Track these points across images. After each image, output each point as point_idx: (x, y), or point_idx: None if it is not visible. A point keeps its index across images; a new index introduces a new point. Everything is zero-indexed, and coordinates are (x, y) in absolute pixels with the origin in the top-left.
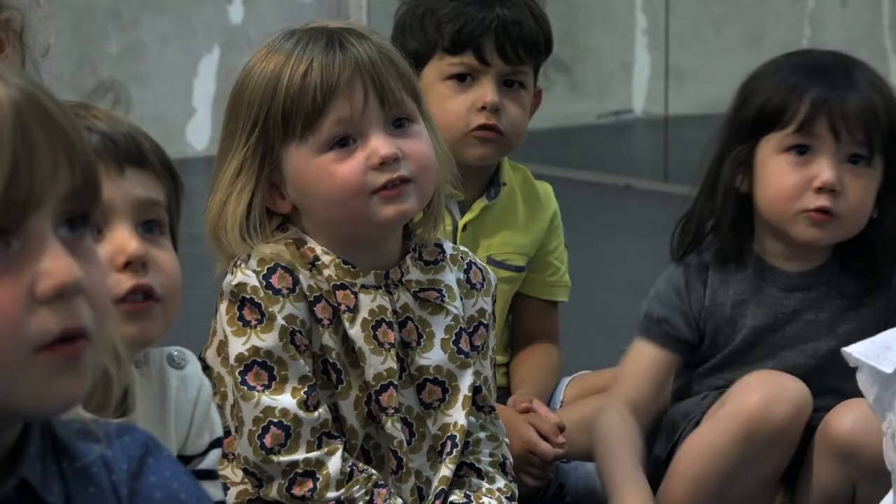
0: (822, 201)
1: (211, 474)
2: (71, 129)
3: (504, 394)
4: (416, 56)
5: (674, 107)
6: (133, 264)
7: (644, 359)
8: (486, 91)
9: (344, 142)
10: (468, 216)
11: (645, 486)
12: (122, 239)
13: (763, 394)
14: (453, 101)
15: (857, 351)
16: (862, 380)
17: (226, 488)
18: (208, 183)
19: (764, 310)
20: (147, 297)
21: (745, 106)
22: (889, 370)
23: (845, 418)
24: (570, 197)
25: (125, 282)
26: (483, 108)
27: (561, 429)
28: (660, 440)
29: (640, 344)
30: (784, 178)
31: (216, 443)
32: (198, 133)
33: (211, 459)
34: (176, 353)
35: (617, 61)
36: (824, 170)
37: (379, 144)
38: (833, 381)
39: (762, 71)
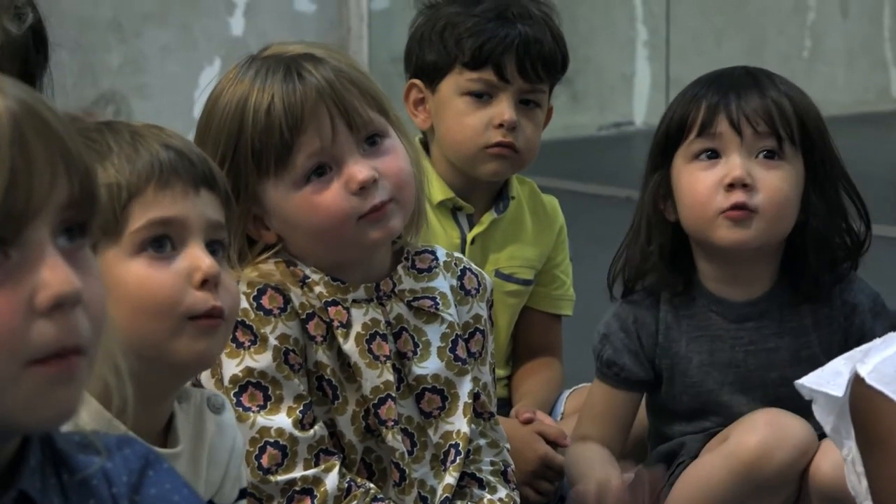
0: (736, 197)
1: None
2: (69, 138)
3: (505, 405)
4: (434, 69)
5: None
6: (209, 282)
7: (602, 401)
8: (503, 109)
9: (320, 171)
10: (477, 229)
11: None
12: (198, 256)
13: (765, 435)
14: (471, 117)
15: (808, 381)
16: (818, 411)
17: None
18: None
19: (720, 345)
20: (219, 315)
21: (656, 132)
22: (839, 394)
23: (825, 463)
24: (570, 208)
25: (205, 300)
26: (500, 125)
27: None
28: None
29: (597, 385)
30: (697, 184)
31: (243, 493)
32: None
33: None
34: (213, 396)
35: (618, 73)
36: (732, 166)
37: (355, 170)
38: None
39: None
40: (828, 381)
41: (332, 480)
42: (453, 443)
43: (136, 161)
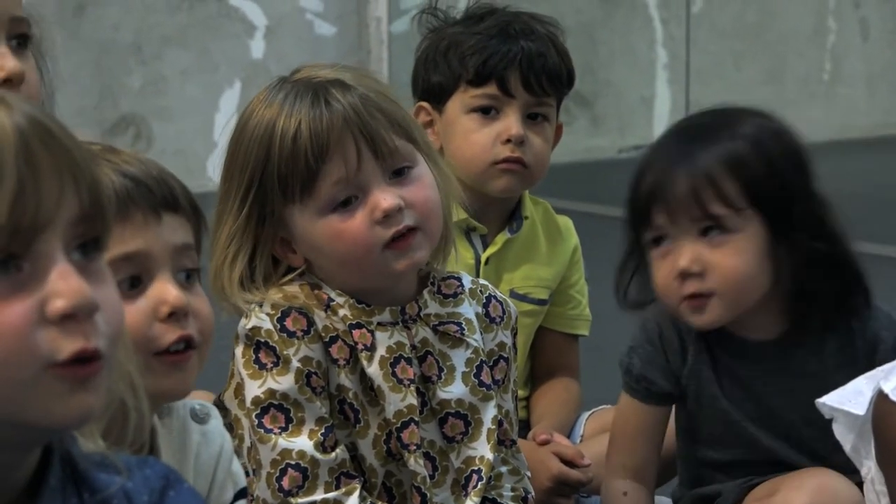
0: (687, 288)
1: None
2: (76, 151)
3: (524, 427)
4: (440, 89)
5: None
6: (176, 314)
7: (633, 419)
8: (510, 123)
9: (346, 202)
10: (491, 250)
11: None
12: (163, 289)
13: (812, 500)
14: (478, 133)
15: (829, 400)
16: (838, 430)
17: None
18: None
19: (739, 381)
20: (188, 346)
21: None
22: (861, 412)
23: None
24: (590, 231)
25: (170, 333)
26: (508, 140)
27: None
28: None
29: (627, 401)
30: (657, 277)
31: (241, 493)
32: (219, 167)
33: None
34: (199, 406)
35: (638, 96)
36: (678, 256)
37: (380, 198)
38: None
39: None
40: (849, 399)
41: (353, 503)
42: (475, 468)
43: None
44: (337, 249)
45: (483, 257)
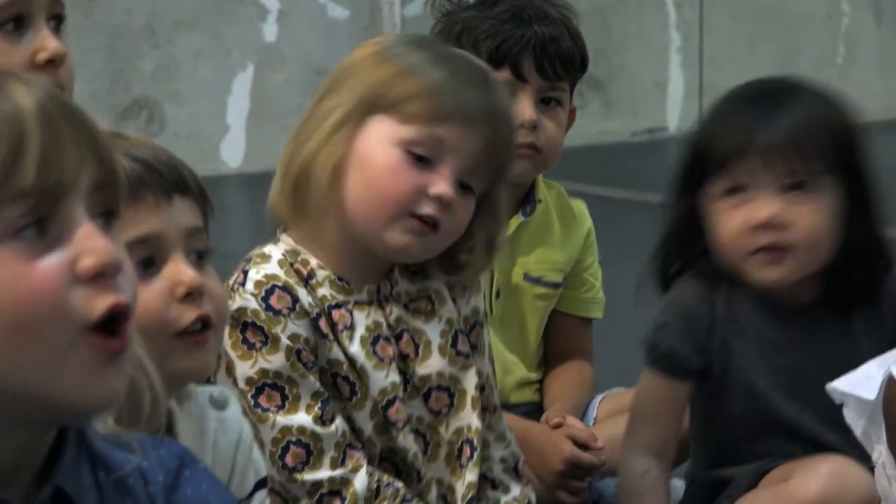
0: (766, 238)
1: None
2: (92, 124)
3: (537, 410)
4: None
5: None
6: (192, 294)
7: (657, 396)
8: (523, 108)
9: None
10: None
11: None
12: (178, 270)
13: (826, 486)
14: None
15: (839, 385)
16: (849, 414)
17: None
18: (243, 200)
19: (772, 348)
20: (205, 326)
21: (685, 156)
22: (871, 397)
23: None
24: (604, 214)
25: (188, 313)
26: (521, 125)
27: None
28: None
29: (650, 379)
30: (725, 225)
31: (261, 483)
32: (232, 150)
33: (257, 501)
34: (217, 393)
35: (651, 79)
36: (760, 206)
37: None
38: None
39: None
40: (859, 384)
41: (361, 481)
42: (466, 439)
43: None
44: (383, 180)
45: None
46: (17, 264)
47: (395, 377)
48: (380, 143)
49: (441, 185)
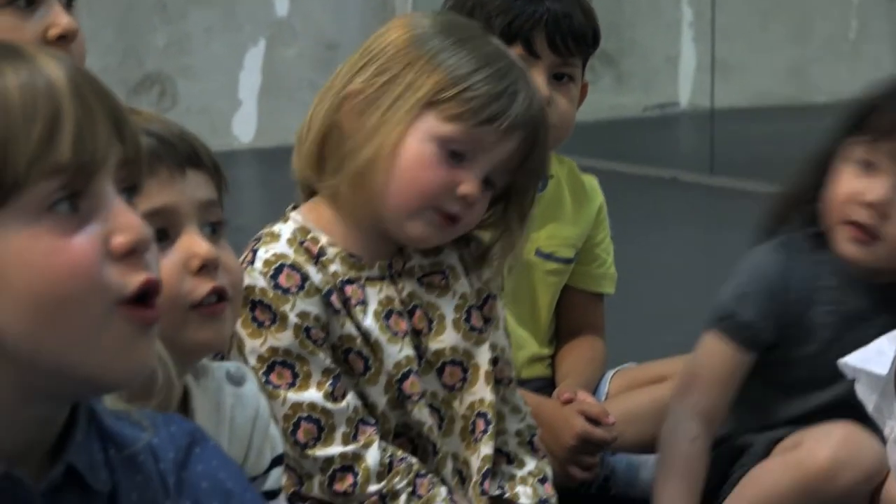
0: (864, 217)
1: (274, 494)
2: (117, 100)
3: (549, 385)
4: None
5: (719, 100)
6: (207, 267)
7: (723, 363)
8: (537, 85)
9: (457, 157)
10: None
11: None
12: (192, 242)
13: (837, 451)
14: None
15: (851, 360)
16: (860, 390)
17: None
18: (255, 175)
19: (851, 322)
20: (220, 298)
21: (859, 104)
22: (883, 372)
23: None
24: (615, 189)
25: (203, 285)
26: None
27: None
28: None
29: (718, 343)
30: (840, 186)
31: (277, 460)
32: (244, 125)
33: (273, 478)
34: (234, 369)
35: (663, 54)
36: (877, 187)
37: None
38: None
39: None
40: (871, 359)
41: (373, 456)
42: (480, 412)
43: None
44: (414, 175)
45: None
46: (52, 239)
47: (409, 351)
48: (417, 136)
49: (469, 185)
